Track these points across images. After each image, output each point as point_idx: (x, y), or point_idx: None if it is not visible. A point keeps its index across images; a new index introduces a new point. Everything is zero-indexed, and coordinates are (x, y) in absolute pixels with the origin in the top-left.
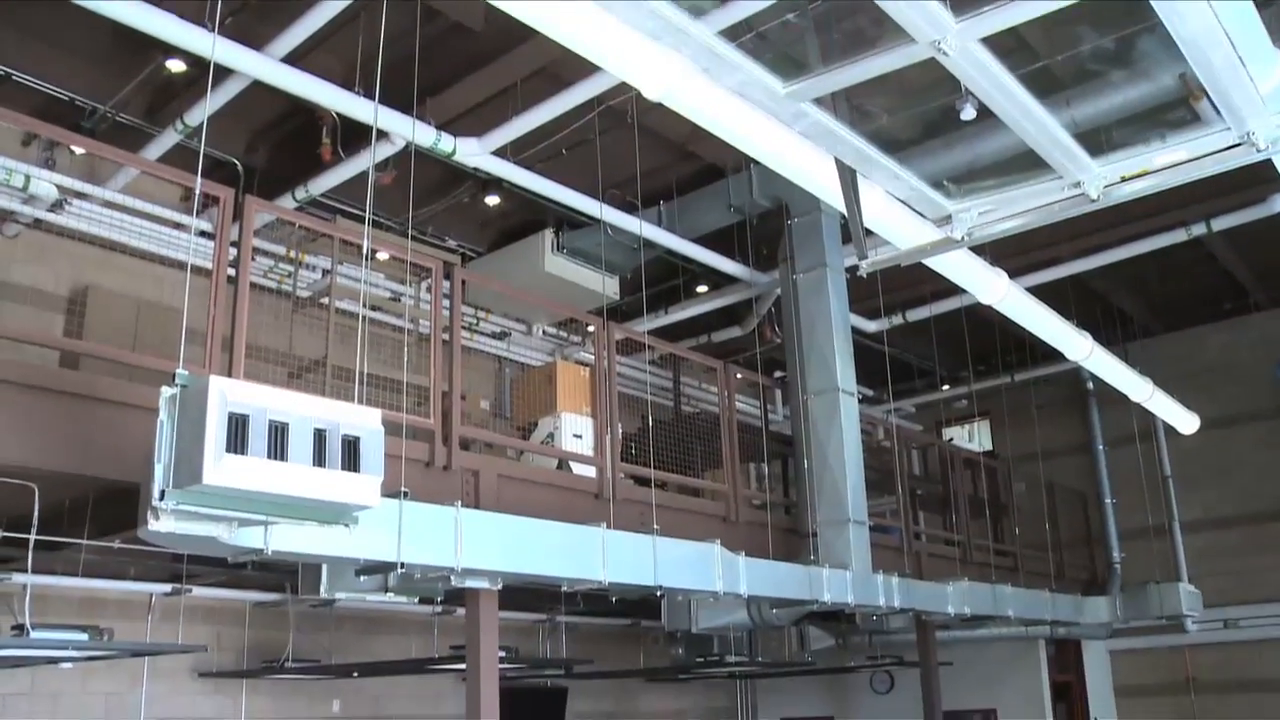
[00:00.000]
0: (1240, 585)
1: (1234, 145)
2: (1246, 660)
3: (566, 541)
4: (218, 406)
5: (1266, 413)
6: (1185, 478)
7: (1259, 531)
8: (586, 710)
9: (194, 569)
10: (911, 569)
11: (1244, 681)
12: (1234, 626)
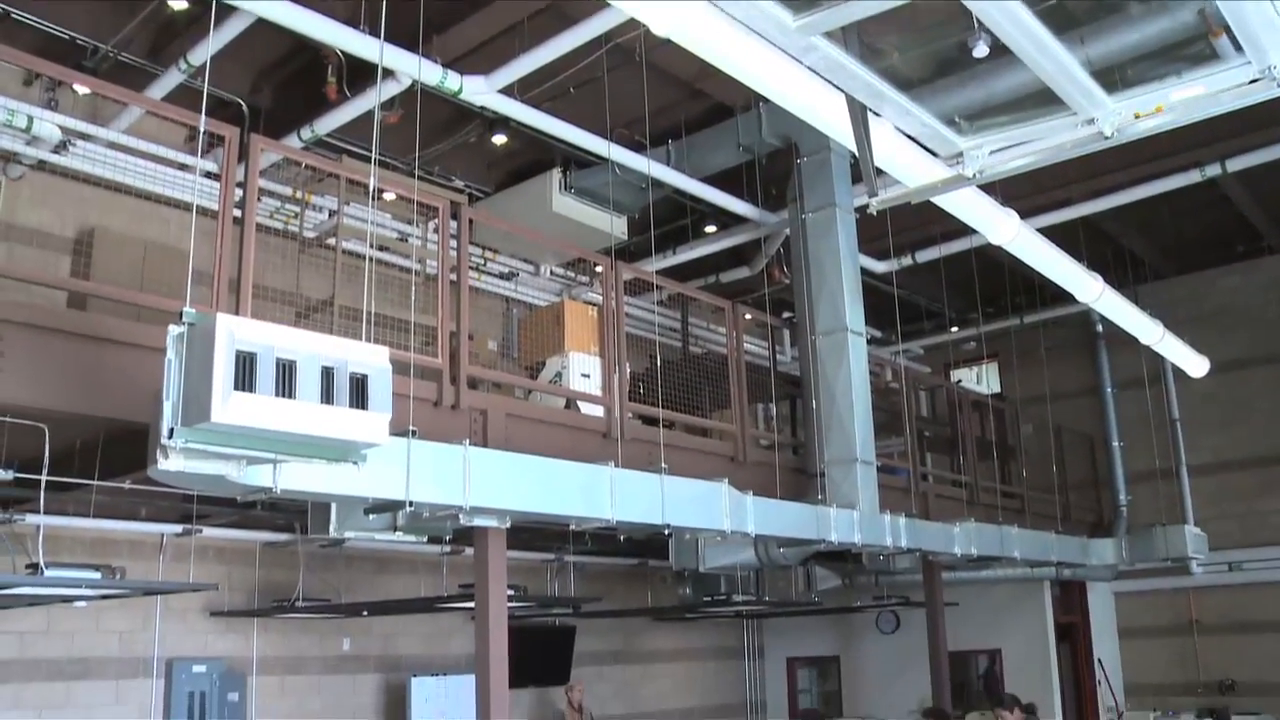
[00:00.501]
0: (1245, 529)
1: (1254, 80)
2: (1249, 603)
3: (575, 480)
4: (225, 344)
5: (1276, 357)
6: (1194, 421)
7: (1266, 475)
8: (594, 649)
9: (204, 509)
10: (918, 510)
11: (1245, 624)
12: (1238, 569)
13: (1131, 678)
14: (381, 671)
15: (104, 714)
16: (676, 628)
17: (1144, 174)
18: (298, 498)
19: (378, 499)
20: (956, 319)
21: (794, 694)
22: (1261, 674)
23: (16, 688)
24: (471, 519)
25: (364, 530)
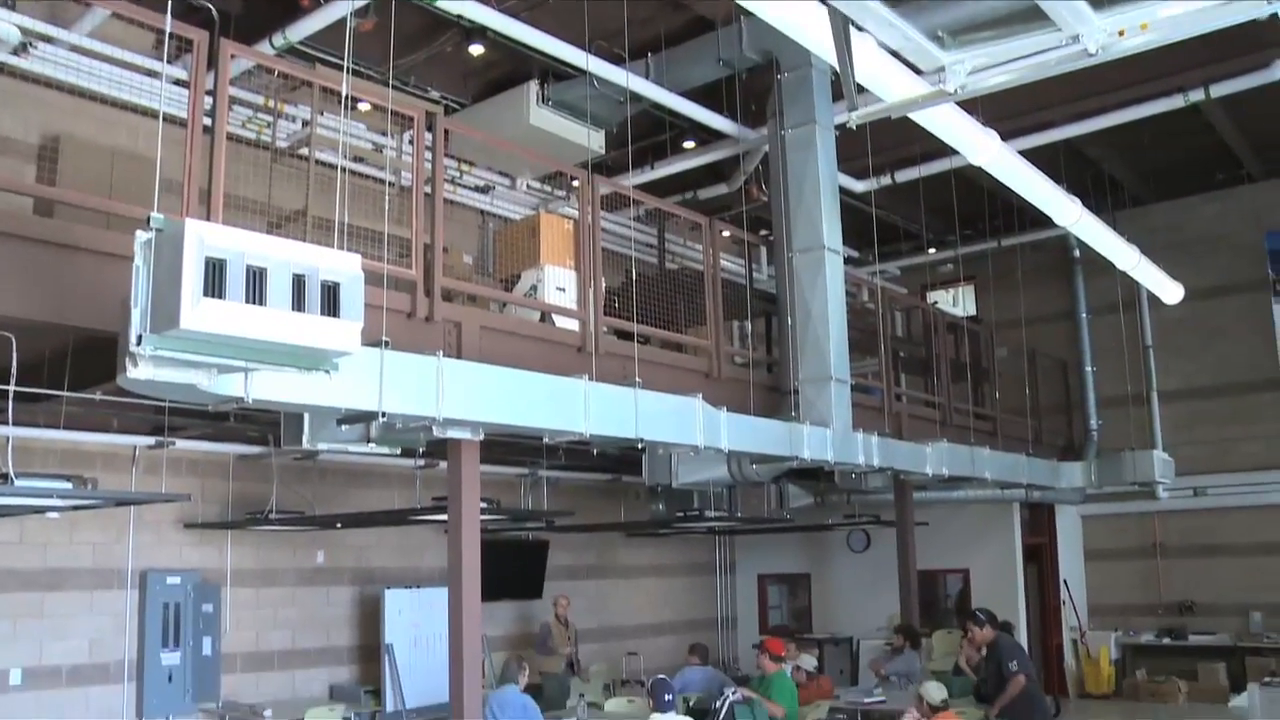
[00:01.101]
0: (1212, 455)
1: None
2: (1212, 527)
3: (549, 392)
4: (194, 250)
5: (1252, 285)
6: (1166, 348)
7: (1235, 403)
8: (567, 564)
9: (176, 421)
10: (891, 429)
11: (1207, 547)
12: (1203, 495)
13: (1095, 599)
14: (355, 584)
15: (79, 624)
16: (649, 543)
17: (1127, 98)
18: (270, 408)
19: (350, 410)
20: (934, 241)
21: (765, 610)
22: (1220, 596)
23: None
24: (444, 431)
25: (337, 442)
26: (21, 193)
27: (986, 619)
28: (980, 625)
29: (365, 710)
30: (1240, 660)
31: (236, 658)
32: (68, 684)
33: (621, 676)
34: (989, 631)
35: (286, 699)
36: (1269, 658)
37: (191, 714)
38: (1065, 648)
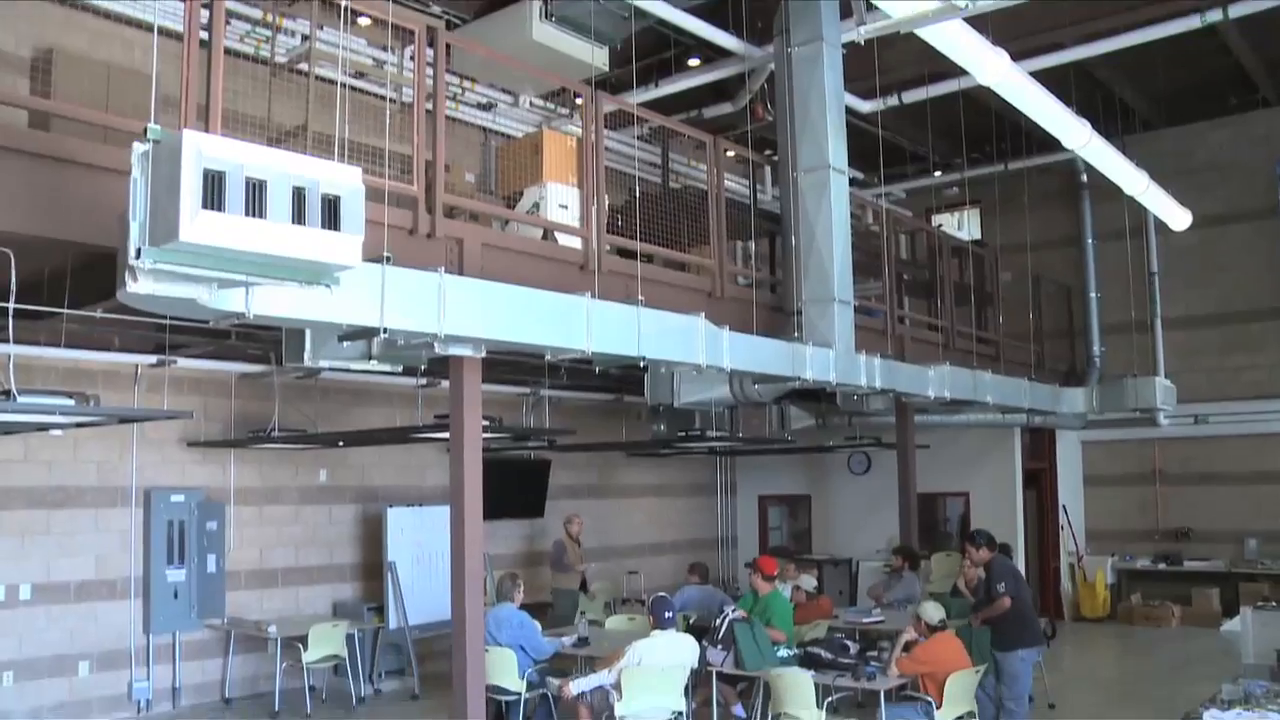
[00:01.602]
0: (1214, 383)
1: None
2: (1210, 455)
3: (551, 310)
4: (193, 161)
5: (1260, 212)
6: (1172, 275)
7: (1238, 331)
8: (569, 483)
9: (178, 339)
10: (894, 352)
11: (1206, 474)
12: (1203, 422)
13: (1093, 524)
14: (358, 503)
15: (85, 541)
16: (651, 463)
17: (1140, 19)
18: (271, 323)
19: (352, 326)
20: (940, 164)
21: (765, 531)
22: (1216, 523)
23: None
24: (446, 347)
25: (339, 359)
26: (15, 105)
27: (984, 541)
28: (978, 546)
29: (368, 627)
30: (1234, 586)
31: (241, 575)
32: (76, 599)
33: (622, 595)
34: (985, 553)
35: (290, 615)
36: (1262, 583)
37: (197, 630)
38: (1062, 572)
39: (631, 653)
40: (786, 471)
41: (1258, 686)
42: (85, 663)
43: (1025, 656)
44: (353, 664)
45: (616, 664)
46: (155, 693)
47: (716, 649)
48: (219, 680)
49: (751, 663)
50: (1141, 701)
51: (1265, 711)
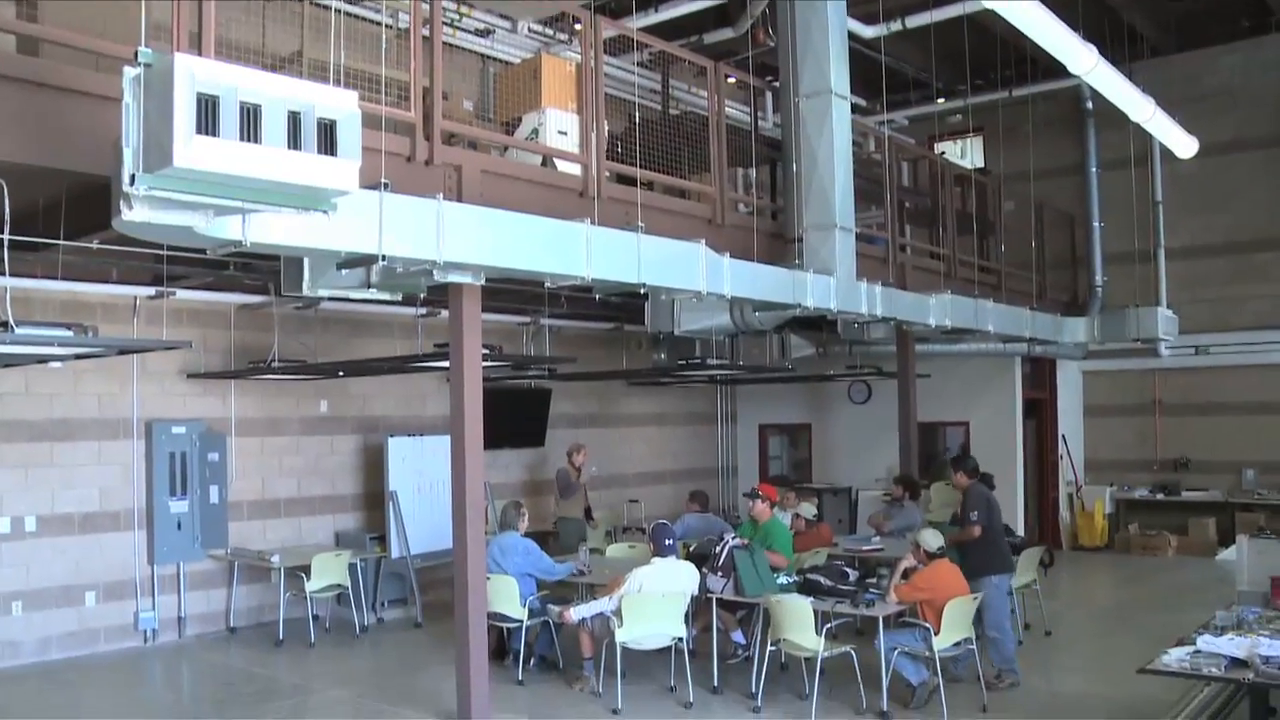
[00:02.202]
0: (1216, 313)
1: None
2: (1211, 385)
3: (550, 236)
4: (185, 86)
5: (1269, 140)
6: (1176, 204)
7: (1242, 261)
8: (569, 412)
9: (176, 270)
10: (895, 280)
11: (1206, 405)
12: (1204, 353)
13: (1092, 454)
14: (359, 433)
15: (88, 474)
16: (651, 392)
17: None
18: (269, 252)
19: (350, 253)
20: (943, 90)
21: (765, 460)
22: (1214, 453)
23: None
24: (445, 274)
25: (337, 287)
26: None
27: (967, 468)
28: (957, 471)
29: (371, 556)
30: (1230, 516)
31: (243, 505)
32: (80, 531)
33: (623, 523)
34: (964, 479)
35: (293, 546)
36: (1259, 513)
37: (201, 560)
38: (1060, 501)
39: (632, 580)
40: (787, 400)
41: (1250, 612)
42: (92, 593)
43: (998, 583)
44: (356, 593)
45: (617, 591)
46: (161, 622)
47: (716, 576)
48: (224, 610)
49: (751, 589)
50: (1137, 628)
51: (1258, 636)
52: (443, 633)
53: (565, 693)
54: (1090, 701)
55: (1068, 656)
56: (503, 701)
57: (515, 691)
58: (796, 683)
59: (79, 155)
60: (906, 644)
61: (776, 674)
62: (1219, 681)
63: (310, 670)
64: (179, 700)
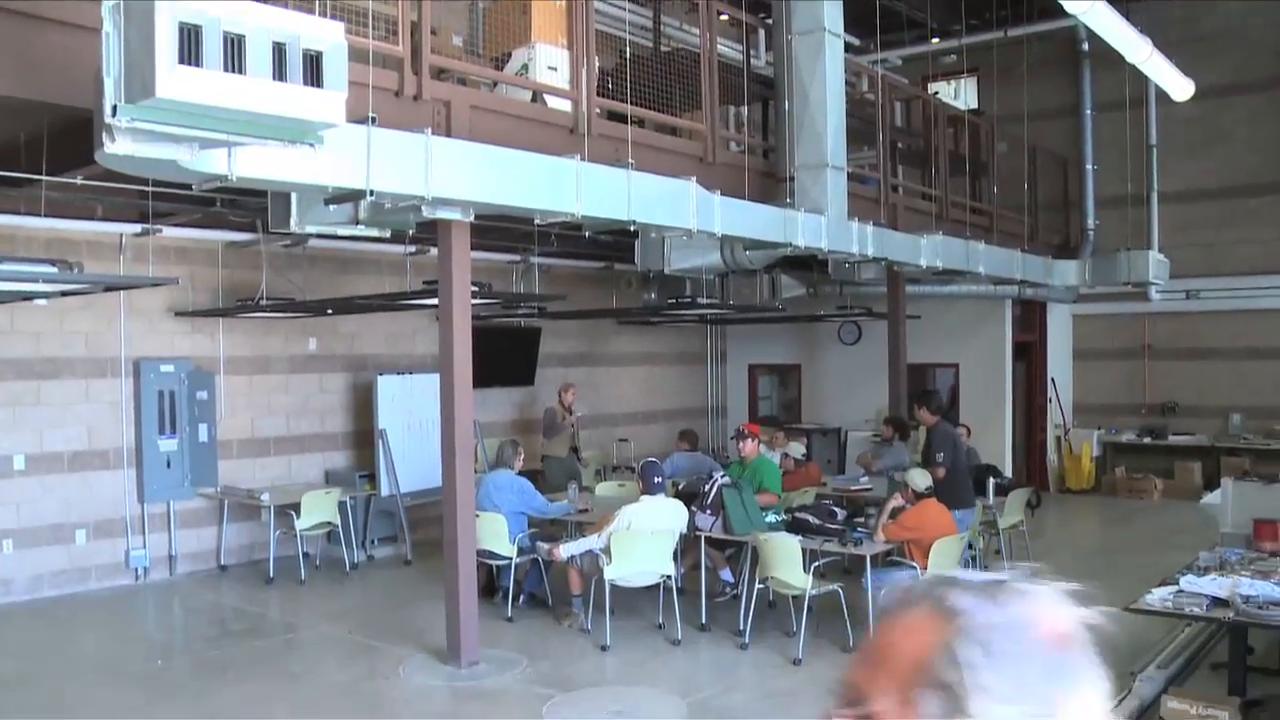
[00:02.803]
0: (1208, 258)
1: None
2: (1200, 330)
3: (540, 172)
4: (167, 15)
5: (1264, 83)
6: (1170, 148)
7: (1235, 206)
8: (559, 352)
9: (162, 207)
10: (887, 220)
11: (1195, 350)
12: (1195, 298)
13: (1081, 397)
14: (348, 371)
15: (76, 412)
16: (641, 331)
17: None
18: (255, 186)
19: (338, 188)
20: (938, 30)
21: (754, 400)
22: (1202, 398)
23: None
24: (434, 210)
25: (326, 224)
26: None
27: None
28: (922, 407)
29: (360, 494)
30: (1216, 460)
31: (233, 444)
32: (70, 469)
33: (613, 463)
34: (929, 415)
35: (283, 484)
36: (1244, 458)
37: (191, 498)
38: (1049, 444)
39: (621, 517)
40: (777, 341)
41: (1233, 554)
42: (82, 531)
43: (960, 518)
44: (346, 531)
45: (606, 528)
46: (152, 560)
47: (705, 514)
48: (214, 548)
49: (739, 527)
50: (1121, 569)
51: (1239, 577)
52: (432, 570)
53: (554, 629)
54: None
55: None
56: (492, 638)
57: (504, 628)
58: (784, 620)
59: (59, 87)
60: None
61: (764, 612)
62: (1201, 620)
63: (301, 607)
64: (171, 637)
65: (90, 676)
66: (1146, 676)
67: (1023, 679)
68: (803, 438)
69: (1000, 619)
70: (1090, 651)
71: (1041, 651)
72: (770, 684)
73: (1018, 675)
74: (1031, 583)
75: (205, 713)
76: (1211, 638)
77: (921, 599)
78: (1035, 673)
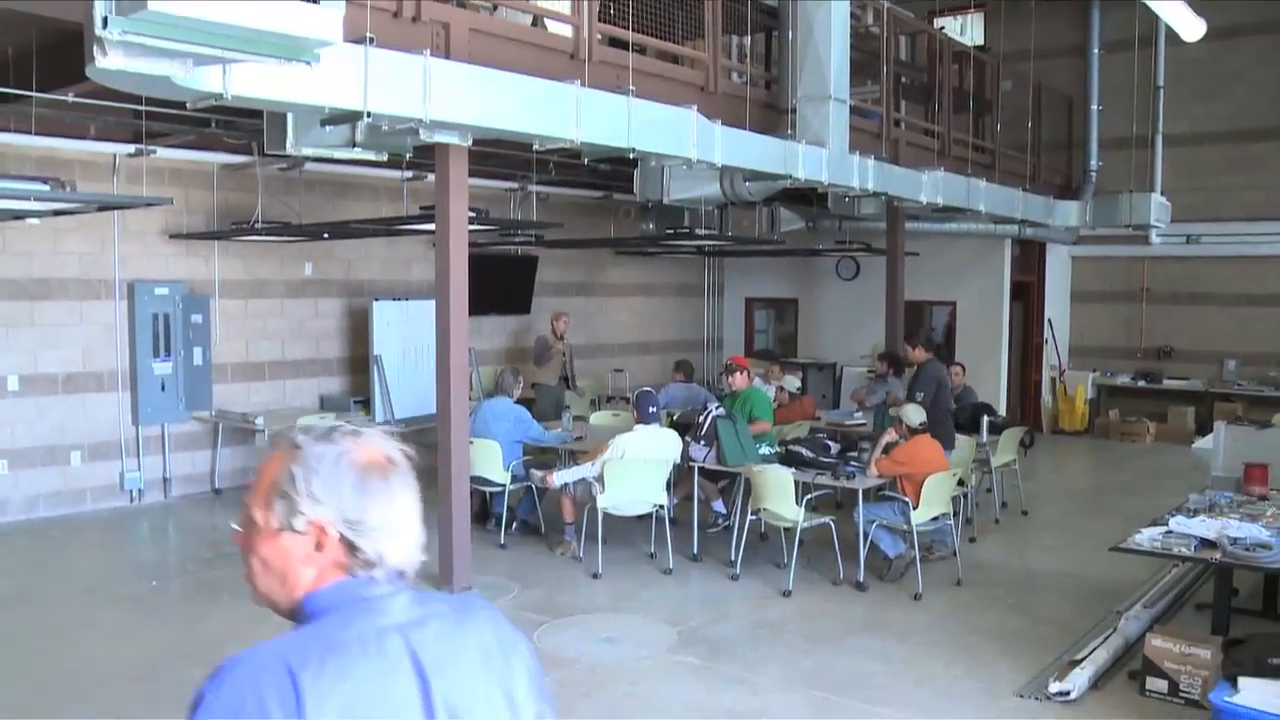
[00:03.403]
0: (1210, 203)
1: None
2: (1199, 275)
3: (540, 96)
4: None
5: (1275, 25)
6: (1177, 90)
7: (1240, 150)
8: (555, 280)
9: (156, 126)
10: (888, 155)
11: (1192, 295)
12: (1195, 242)
13: (1077, 339)
14: (344, 296)
15: (70, 334)
16: (638, 262)
17: None
18: (251, 105)
19: (334, 109)
20: None
21: (751, 333)
22: (1198, 343)
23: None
24: (432, 134)
25: (322, 146)
26: None
27: (921, 342)
28: (914, 345)
29: (355, 419)
30: (1209, 406)
31: (227, 368)
32: (64, 391)
33: (608, 393)
34: (921, 353)
35: (278, 408)
36: (1237, 404)
37: (186, 422)
38: (1044, 385)
39: (615, 446)
40: (774, 274)
41: (1223, 497)
42: (77, 453)
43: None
44: None
45: (600, 457)
46: (147, 483)
47: (699, 445)
48: (209, 471)
49: (733, 459)
50: (1111, 510)
51: (1227, 519)
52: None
53: (547, 557)
54: (1063, 580)
55: (1043, 535)
56: (484, 565)
57: (497, 555)
58: (775, 553)
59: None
60: (885, 517)
61: (756, 543)
62: (1188, 561)
63: None
64: (165, 558)
65: (85, 596)
66: (1132, 615)
67: (338, 490)
68: (798, 372)
69: (327, 450)
70: (407, 476)
71: (354, 472)
72: (760, 614)
73: (334, 487)
74: (362, 429)
75: (199, 633)
76: (1198, 579)
77: (279, 439)
78: (348, 486)
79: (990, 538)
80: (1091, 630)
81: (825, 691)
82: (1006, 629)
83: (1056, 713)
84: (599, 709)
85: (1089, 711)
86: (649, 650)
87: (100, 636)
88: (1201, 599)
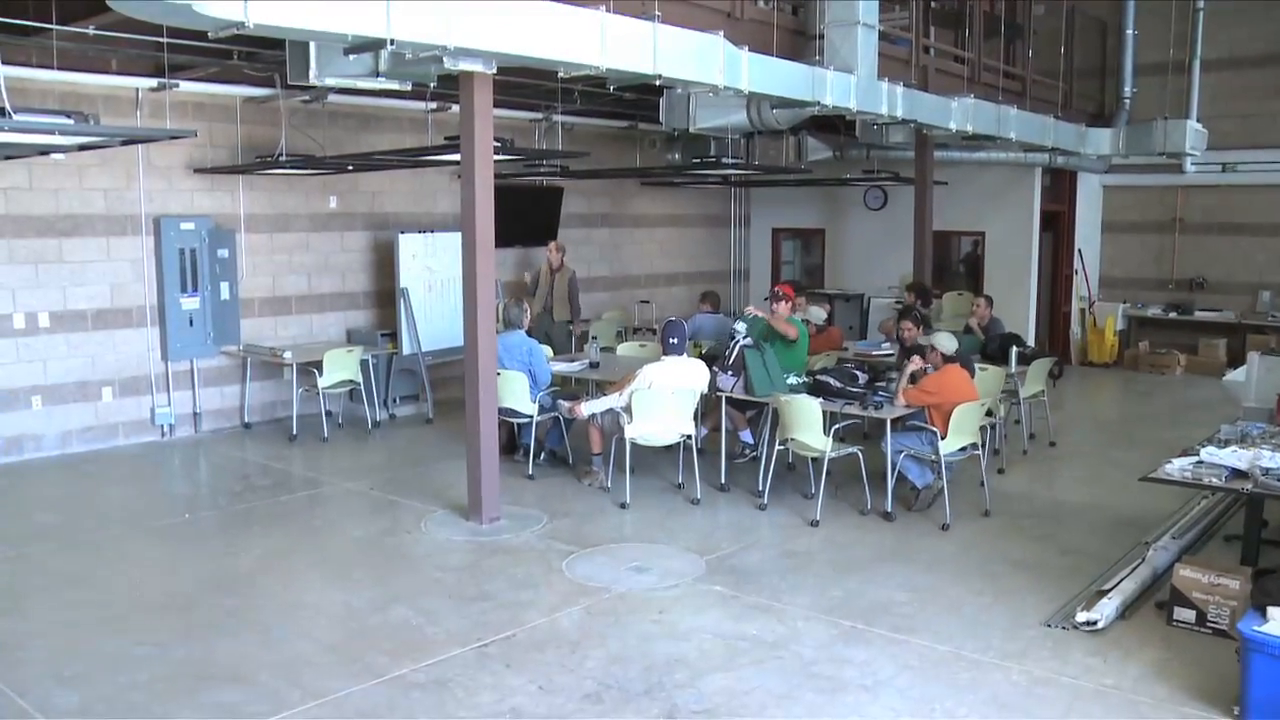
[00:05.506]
0: (1247, 130)
1: None
2: (1236, 204)
3: (564, 23)
4: None
5: None
6: (1216, 12)
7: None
8: (581, 211)
9: (178, 59)
10: (917, 82)
11: (1226, 225)
12: (1231, 170)
13: (1108, 271)
14: (369, 229)
15: (98, 270)
16: (664, 193)
17: None
18: (272, 34)
19: (358, 37)
20: None
21: (778, 264)
22: (1231, 274)
23: (8, 243)
24: (456, 61)
25: (345, 76)
26: None
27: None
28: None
29: (382, 352)
30: (1242, 338)
31: (254, 302)
32: (94, 327)
33: (634, 324)
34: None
35: (305, 342)
36: (1270, 335)
37: (214, 357)
38: (1073, 316)
39: (642, 376)
40: (801, 204)
41: (1255, 428)
42: (108, 388)
43: None
44: (368, 390)
45: (627, 387)
46: (177, 418)
47: (727, 375)
48: (238, 406)
49: (761, 389)
50: (1140, 442)
51: (1260, 449)
52: (454, 428)
53: (574, 487)
54: (1091, 511)
55: (1071, 467)
56: (513, 495)
57: (525, 485)
58: (802, 483)
59: None
60: (912, 447)
61: (783, 474)
62: (1219, 491)
63: (324, 464)
64: (197, 492)
65: (120, 529)
66: (1160, 546)
67: None
68: (825, 303)
69: None
70: None
71: None
72: (787, 544)
73: None
74: None
75: (231, 565)
76: (1227, 511)
77: None
78: None
79: (1018, 469)
80: (1119, 561)
81: (852, 620)
82: (1034, 559)
83: (1083, 642)
84: (627, 637)
85: (1115, 641)
86: (677, 579)
87: (136, 567)
88: (1230, 531)
